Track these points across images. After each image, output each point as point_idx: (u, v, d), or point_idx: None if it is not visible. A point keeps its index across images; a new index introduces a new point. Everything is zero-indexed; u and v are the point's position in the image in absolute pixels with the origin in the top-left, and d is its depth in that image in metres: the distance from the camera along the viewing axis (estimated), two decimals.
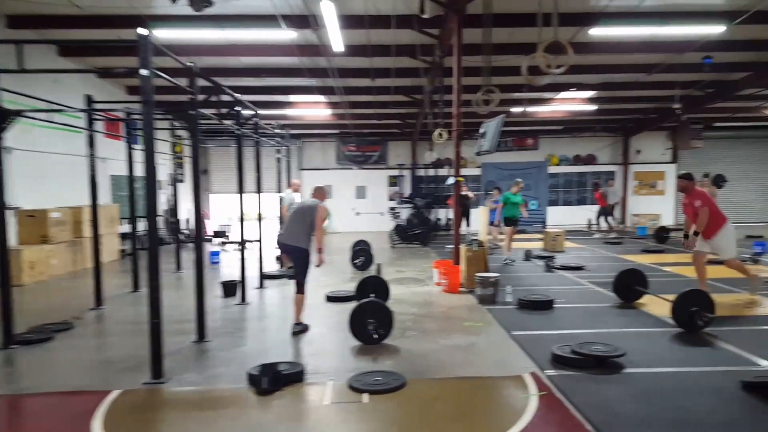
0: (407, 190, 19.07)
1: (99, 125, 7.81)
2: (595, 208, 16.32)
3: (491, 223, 11.41)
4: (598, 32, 8.73)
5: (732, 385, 3.98)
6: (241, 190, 7.50)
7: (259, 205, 9.81)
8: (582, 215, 18.15)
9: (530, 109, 14.38)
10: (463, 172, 19.10)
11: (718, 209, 6.70)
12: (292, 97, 13.86)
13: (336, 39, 8.33)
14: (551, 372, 4.37)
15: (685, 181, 6.76)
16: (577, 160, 19.71)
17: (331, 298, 7.15)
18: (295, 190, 10.56)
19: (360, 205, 19.26)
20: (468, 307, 6.81)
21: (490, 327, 5.81)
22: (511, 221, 10.17)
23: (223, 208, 18.91)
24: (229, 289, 7.59)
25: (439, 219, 17.71)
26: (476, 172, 19.46)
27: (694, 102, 14.31)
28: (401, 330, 5.68)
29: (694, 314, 5.36)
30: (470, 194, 16.02)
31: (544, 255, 10.71)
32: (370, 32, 8.67)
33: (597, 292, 7.57)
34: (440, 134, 9.34)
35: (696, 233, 6.54)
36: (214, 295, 7.64)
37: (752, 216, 19.28)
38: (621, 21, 8.36)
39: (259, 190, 10.25)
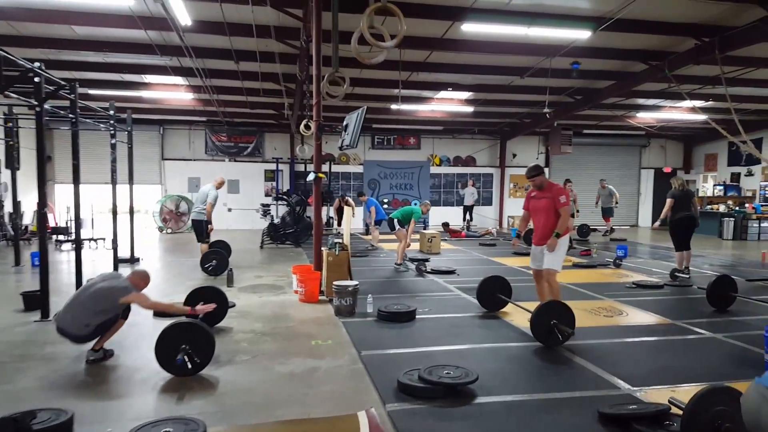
0: (286, 185, 18.00)
1: None
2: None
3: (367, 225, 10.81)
4: (470, 29, 8.38)
5: (589, 415, 3.54)
6: (76, 180, 6.51)
7: (114, 198, 8.64)
8: (459, 216, 18.22)
9: (407, 107, 14.00)
10: (345, 169, 18.83)
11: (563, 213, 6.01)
12: (147, 78, 12.24)
13: (180, 11, 7.16)
14: (393, 406, 3.69)
15: (540, 176, 5.78)
16: (457, 161, 19.84)
17: (159, 314, 6.00)
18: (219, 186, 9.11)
19: (232, 200, 17.82)
20: (322, 320, 6.04)
21: (340, 346, 5.07)
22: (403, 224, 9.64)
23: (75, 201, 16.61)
24: (32, 301, 6.18)
25: None
26: (359, 169, 18.89)
27: (565, 108, 14.76)
28: (230, 354, 4.76)
29: (553, 328, 5.01)
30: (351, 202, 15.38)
31: (417, 258, 10.29)
32: (224, 6, 7.60)
33: (463, 299, 7.16)
34: (307, 126, 8.52)
35: (558, 234, 5.62)
36: (12, 308, 6.22)
37: (616, 220, 20.54)
38: (490, 17, 8.05)
39: (114, 181, 8.87)
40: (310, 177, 6.80)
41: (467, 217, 17.45)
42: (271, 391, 4.01)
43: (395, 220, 9.59)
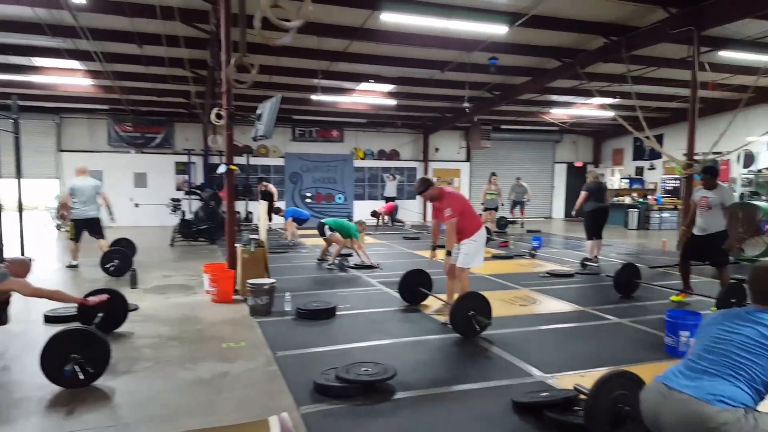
0: (200, 179, 17.17)
1: None
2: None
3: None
4: (389, 19, 8.28)
5: (504, 405, 3.54)
6: None
7: None
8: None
9: (328, 98, 13.75)
10: (265, 162, 18.25)
11: (475, 212, 5.97)
12: (37, 61, 11.16)
13: None
14: (308, 408, 3.51)
15: (428, 191, 5.71)
16: (381, 155, 19.83)
17: (51, 319, 5.44)
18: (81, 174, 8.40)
19: (140, 195, 16.69)
20: (236, 321, 5.72)
21: (254, 348, 4.79)
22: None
23: None
24: None
25: (237, 212, 16.20)
26: (279, 162, 18.38)
27: (484, 103, 15.08)
28: (130, 361, 4.36)
29: (471, 319, 5.01)
30: (271, 188, 14.93)
31: (341, 253, 10.10)
32: None
33: (385, 293, 7.07)
34: (218, 115, 8.06)
35: (449, 253, 5.61)
36: None
37: (533, 212, 21.36)
38: (407, 8, 7.98)
39: None
40: (221, 169, 6.44)
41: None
42: (174, 399, 3.69)
43: (326, 227, 9.24)
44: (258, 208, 7.56)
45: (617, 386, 2.87)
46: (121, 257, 7.89)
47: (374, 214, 16.92)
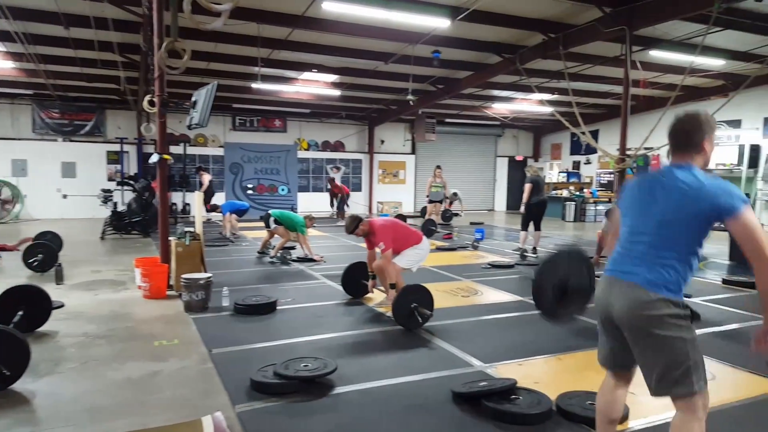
0: (133, 168, 16.39)
1: None
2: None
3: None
4: (331, 8, 8.11)
5: (444, 395, 3.55)
6: None
7: None
8: (327, 202, 18.01)
9: (269, 86, 13.42)
10: (203, 152, 17.64)
11: (410, 230, 6.06)
12: None
13: None
14: (244, 407, 3.40)
15: (359, 228, 5.78)
16: (326, 146, 19.62)
17: None
18: None
19: (68, 185, 15.77)
20: (169, 318, 5.48)
21: (188, 345, 4.60)
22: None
23: None
24: None
25: (173, 204, 15.60)
26: (219, 152, 17.82)
27: (428, 97, 15.16)
28: (53, 362, 4.09)
29: (413, 310, 5.01)
30: (205, 177, 14.43)
31: (284, 246, 9.91)
32: None
33: (328, 287, 6.99)
34: (151, 102, 7.68)
35: (393, 286, 5.64)
36: None
37: (476, 204, 21.79)
38: None
39: None
40: (154, 159, 6.13)
41: (335, 202, 17.33)
42: (101, 401, 3.48)
43: (272, 218, 9.00)
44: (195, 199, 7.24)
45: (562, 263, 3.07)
46: (45, 251, 7.40)
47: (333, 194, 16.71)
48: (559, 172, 20.94)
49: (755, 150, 13.94)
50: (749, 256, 2.06)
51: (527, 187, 9.54)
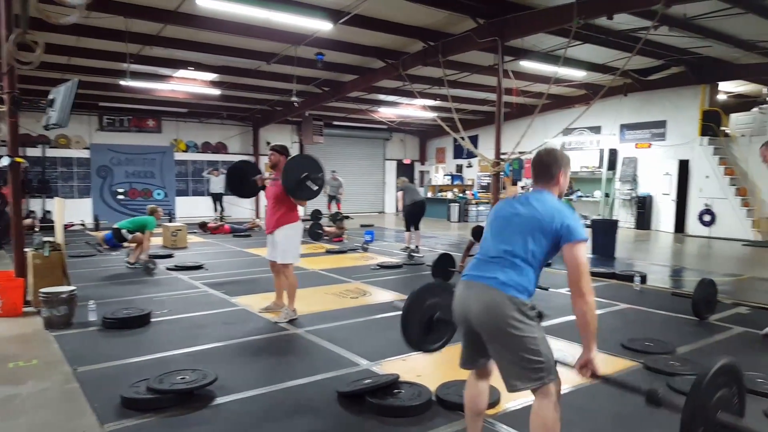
0: None
1: None
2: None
3: None
4: (206, 5, 7.76)
5: (330, 397, 3.54)
6: None
7: None
8: (209, 207, 17.23)
9: (141, 84, 12.60)
10: (66, 154, 16.07)
11: (295, 205, 5.56)
12: None
13: None
14: (114, 426, 3.14)
15: (275, 154, 5.49)
16: (207, 147, 18.80)
17: None
18: None
19: None
20: (26, 337, 4.92)
21: (49, 365, 4.16)
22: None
23: None
24: None
25: (31, 212, 14.07)
26: (84, 154, 16.33)
27: (314, 99, 15.10)
28: None
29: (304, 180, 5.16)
30: None
31: (160, 254, 9.33)
32: None
33: (210, 295, 6.67)
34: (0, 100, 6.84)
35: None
36: None
37: (365, 207, 22.07)
38: None
39: None
40: (4, 162, 5.48)
41: (218, 207, 16.65)
42: None
43: (123, 231, 8.38)
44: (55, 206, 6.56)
45: (428, 296, 3.06)
46: None
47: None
48: (444, 175, 21.86)
49: (613, 153, 15.55)
50: (571, 285, 2.34)
51: (399, 195, 10.48)
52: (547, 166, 2.57)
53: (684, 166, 14.34)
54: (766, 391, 3.55)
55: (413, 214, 10.08)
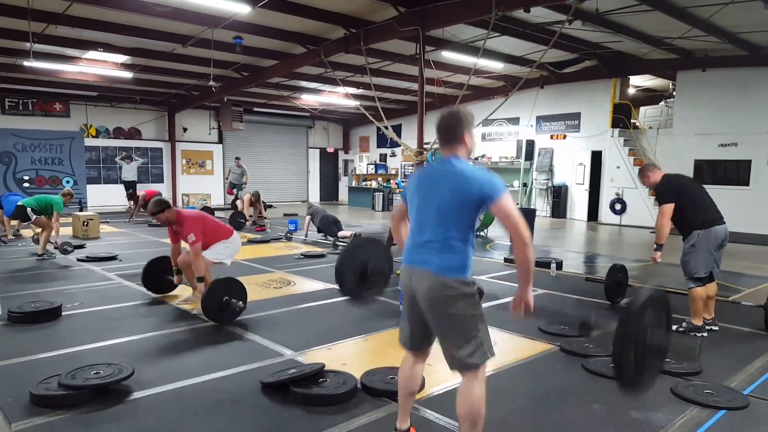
0: None
1: None
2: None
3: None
4: None
5: (253, 388, 3.52)
6: None
7: None
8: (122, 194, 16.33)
9: (46, 65, 11.72)
10: None
11: (220, 224, 5.84)
12: None
13: None
14: (23, 424, 2.99)
15: (162, 213, 5.35)
16: (119, 133, 17.78)
17: None
18: None
19: None
20: None
21: None
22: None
23: None
24: None
25: None
26: None
27: (233, 84, 14.66)
28: None
29: (225, 305, 4.85)
30: None
31: (71, 245, 8.80)
32: None
33: (125, 287, 6.40)
34: None
35: (201, 279, 5.29)
36: None
37: (289, 195, 21.79)
38: None
39: None
40: None
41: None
42: None
43: (28, 209, 7.82)
44: None
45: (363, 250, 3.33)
46: None
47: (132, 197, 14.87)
48: (368, 164, 21.98)
49: (530, 144, 16.28)
50: (509, 232, 2.42)
51: (307, 219, 10.55)
52: (451, 128, 2.57)
53: (597, 157, 15.19)
54: (673, 370, 3.78)
55: (328, 223, 10.12)
